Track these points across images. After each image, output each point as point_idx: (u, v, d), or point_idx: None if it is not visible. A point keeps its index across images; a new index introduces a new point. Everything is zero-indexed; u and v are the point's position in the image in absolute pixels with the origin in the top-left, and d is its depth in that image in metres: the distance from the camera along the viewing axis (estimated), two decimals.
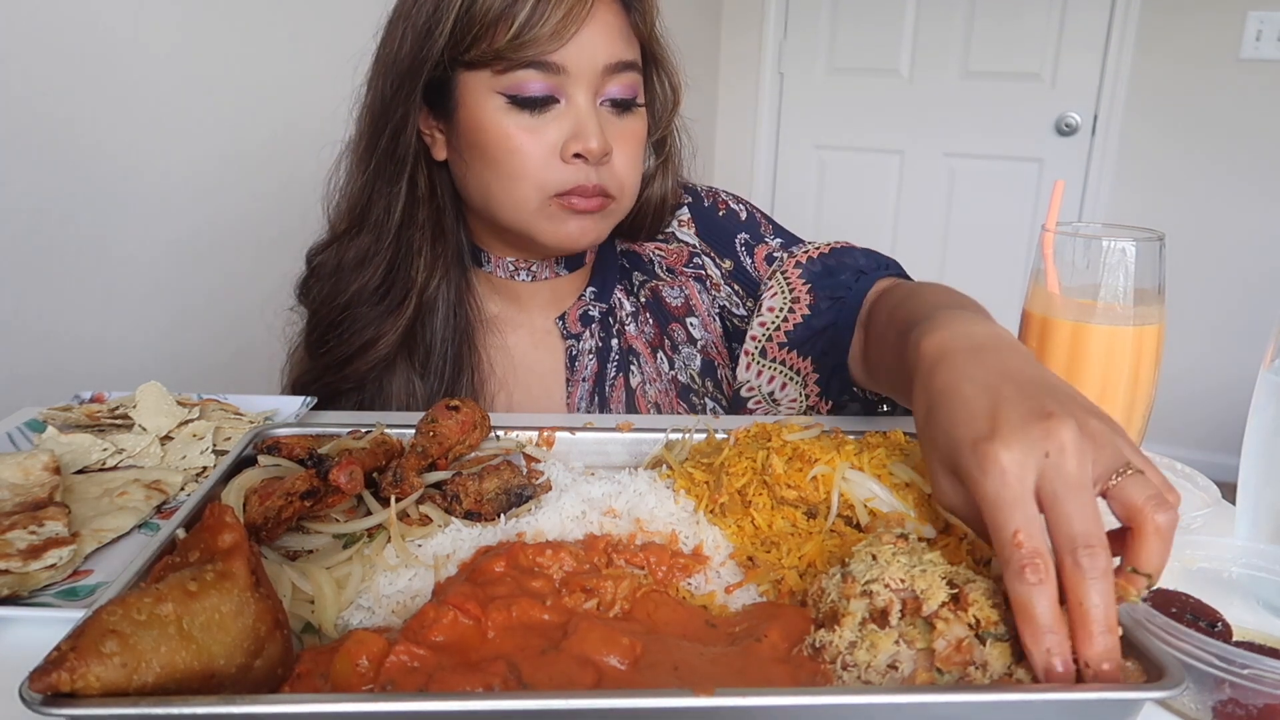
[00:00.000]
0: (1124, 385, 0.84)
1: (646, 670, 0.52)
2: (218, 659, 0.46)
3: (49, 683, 0.42)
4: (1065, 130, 3.38)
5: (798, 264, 1.07)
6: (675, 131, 1.11)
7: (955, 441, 0.58)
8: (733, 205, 1.16)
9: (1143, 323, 0.83)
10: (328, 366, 1.06)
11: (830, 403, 1.06)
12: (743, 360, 1.08)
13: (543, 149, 0.95)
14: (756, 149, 3.85)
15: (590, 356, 1.12)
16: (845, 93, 3.67)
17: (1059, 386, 0.60)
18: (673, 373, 1.14)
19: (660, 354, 1.14)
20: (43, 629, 0.59)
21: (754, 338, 1.07)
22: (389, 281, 1.03)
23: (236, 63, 1.63)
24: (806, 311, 1.04)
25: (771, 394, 1.07)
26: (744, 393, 1.09)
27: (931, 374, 0.66)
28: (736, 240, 1.13)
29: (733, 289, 1.13)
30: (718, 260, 1.13)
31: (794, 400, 1.07)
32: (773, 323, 1.06)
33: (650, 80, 1.05)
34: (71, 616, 0.56)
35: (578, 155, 0.95)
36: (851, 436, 0.76)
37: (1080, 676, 0.51)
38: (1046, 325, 0.85)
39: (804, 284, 1.05)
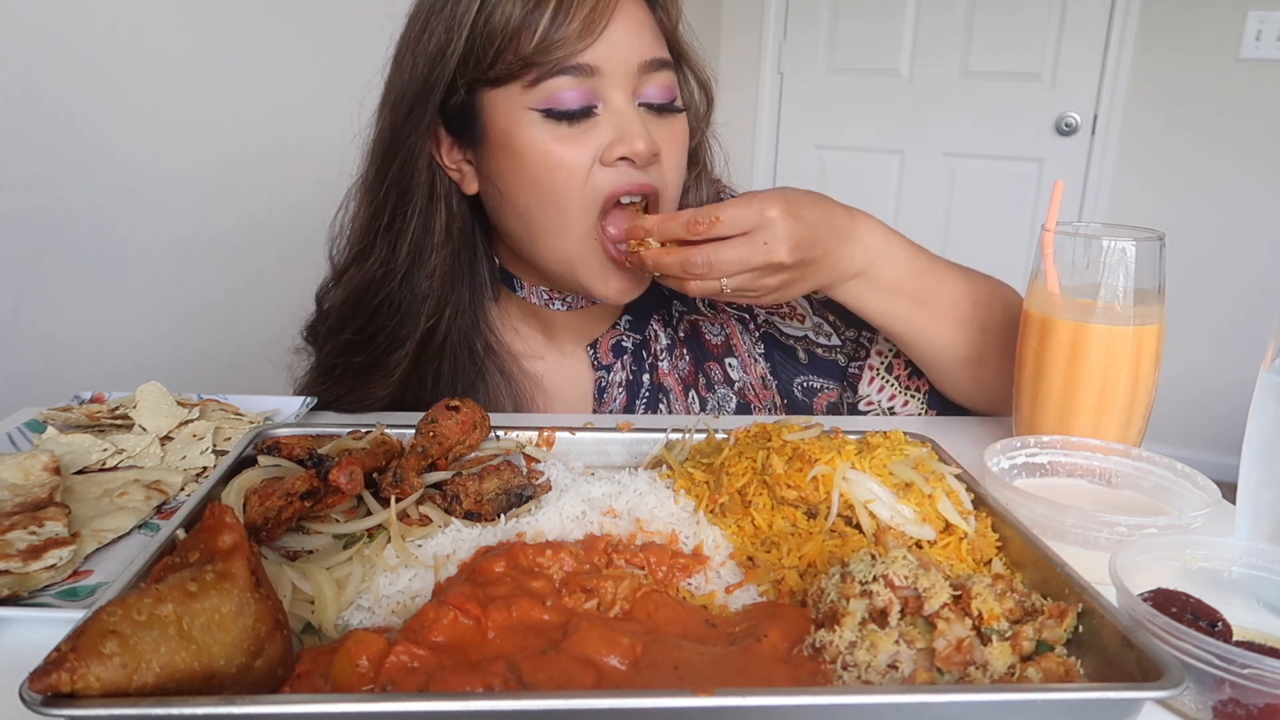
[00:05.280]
0: (1124, 385, 0.84)
1: (646, 670, 0.52)
2: (218, 659, 0.46)
3: (49, 683, 0.42)
4: (1065, 130, 3.37)
5: None
6: (706, 139, 1.06)
7: None
8: None
9: (1143, 323, 0.83)
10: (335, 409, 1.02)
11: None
12: (866, 374, 1.08)
13: (585, 159, 0.89)
14: (756, 149, 3.85)
15: (620, 389, 1.09)
16: (845, 93, 3.67)
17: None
18: (705, 414, 1.11)
19: (693, 393, 1.10)
20: (43, 629, 0.59)
21: (880, 353, 1.08)
22: (396, 324, 0.98)
23: (241, 66, 1.63)
24: None
25: (891, 409, 1.08)
26: (863, 406, 1.09)
27: None
28: None
29: (825, 320, 1.10)
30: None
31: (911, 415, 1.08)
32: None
33: (680, 81, 1.00)
34: (71, 617, 0.56)
35: (623, 159, 0.90)
36: (851, 436, 0.76)
37: None
38: (1046, 325, 0.85)
39: None
